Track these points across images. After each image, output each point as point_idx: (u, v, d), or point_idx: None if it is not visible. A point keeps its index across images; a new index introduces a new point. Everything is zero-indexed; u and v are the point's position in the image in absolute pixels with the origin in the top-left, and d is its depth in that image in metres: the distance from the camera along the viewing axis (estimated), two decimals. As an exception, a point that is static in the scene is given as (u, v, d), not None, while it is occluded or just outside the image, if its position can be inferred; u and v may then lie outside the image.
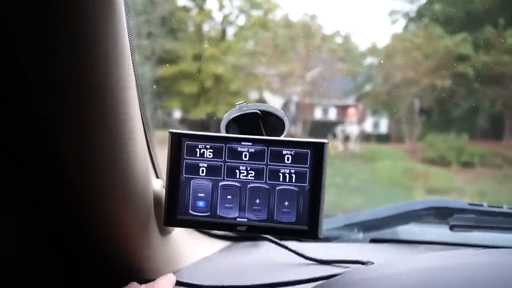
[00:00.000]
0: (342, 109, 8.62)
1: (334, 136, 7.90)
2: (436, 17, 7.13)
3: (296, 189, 0.58)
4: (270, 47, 7.42)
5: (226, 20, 8.17)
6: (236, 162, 0.59)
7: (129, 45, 0.56)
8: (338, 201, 5.28)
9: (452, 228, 0.89)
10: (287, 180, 0.58)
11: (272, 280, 0.65)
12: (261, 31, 7.84)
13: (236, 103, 0.66)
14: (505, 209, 0.89)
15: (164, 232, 0.68)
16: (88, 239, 0.60)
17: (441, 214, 0.93)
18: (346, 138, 7.74)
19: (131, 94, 0.56)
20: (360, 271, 0.51)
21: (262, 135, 0.63)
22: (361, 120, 8.31)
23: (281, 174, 0.58)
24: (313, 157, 0.57)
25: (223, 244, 0.93)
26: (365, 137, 8.14)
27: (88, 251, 0.62)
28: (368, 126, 8.59)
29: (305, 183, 0.58)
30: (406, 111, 7.44)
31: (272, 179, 0.58)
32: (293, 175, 0.58)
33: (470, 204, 0.91)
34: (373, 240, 0.96)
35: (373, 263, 0.68)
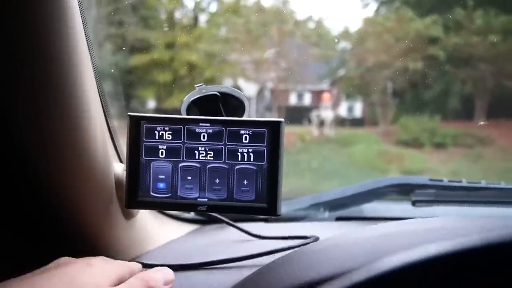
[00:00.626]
0: (317, 94, 8.66)
1: (310, 121, 7.94)
2: (407, 0, 7.18)
3: (254, 168, 0.59)
4: (243, 33, 7.40)
5: (198, 7, 8.11)
6: (195, 143, 0.60)
7: (83, 29, 0.56)
8: (315, 186, 5.33)
9: (414, 203, 0.92)
10: (246, 159, 0.59)
11: (227, 257, 0.67)
12: (234, 17, 7.81)
13: (195, 86, 0.66)
14: (464, 183, 0.92)
15: (128, 216, 0.69)
16: (51, 222, 0.61)
17: (403, 191, 0.95)
18: (321, 123, 7.79)
19: (88, 79, 0.57)
20: (307, 246, 0.52)
21: (222, 116, 0.64)
22: (335, 105, 8.36)
23: (239, 154, 0.59)
24: (270, 136, 0.59)
25: (190, 227, 0.94)
26: (340, 122, 8.20)
27: (51, 234, 0.62)
28: (342, 110, 8.65)
29: (263, 161, 0.59)
30: (380, 94, 7.52)
31: (231, 159, 0.59)
32: (251, 154, 0.59)
33: (430, 180, 0.93)
34: (339, 218, 0.98)
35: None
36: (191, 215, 0.97)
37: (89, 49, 0.59)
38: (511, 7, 5.75)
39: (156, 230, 0.81)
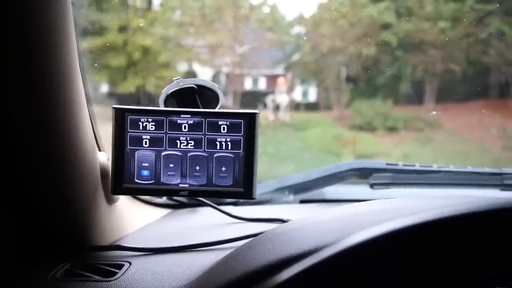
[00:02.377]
0: (272, 79, 8.70)
1: (265, 105, 7.98)
2: (361, -14, 7.27)
3: (232, 155, 0.65)
4: (197, 18, 7.34)
5: (152, -10, 8.00)
6: (176, 133, 0.65)
7: (73, 22, 0.60)
8: (271, 170, 5.39)
9: (372, 186, 0.99)
10: (224, 148, 0.64)
11: (208, 240, 0.72)
12: (188, 1, 7.74)
13: (173, 79, 0.71)
14: (417, 167, 1.00)
15: (110, 201, 0.73)
16: (40, 207, 0.64)
17: (362, 174, 1.02)
18: (277, 108, 7.84)
19: (75, 71, 0.60)
20: (281, 227, 0.58)
21: (199, 107, 0.69)
22: (290, 89, 8.42)
23: (218, 143, 0.64)
24: (246, 126, 0.64)
25: (164, 211, 0.99)
26: (295, 106, 8.27)
27: (39, 219, 0.66)
28: (297, 95, 8.72)
29: (240, 150, 0.64)
30: (334, 79, 7.62)
31: (210, 148, 0.65)
32: (229, 143, 0.64)
33: (387, 164, 1.00)
34: (302, 201, 1.04)
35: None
36: (163, 200, 1.01)
37: (76, 40, 0.62)
38: (460, -5, 5.92)
39: (133, 214, 0.86)
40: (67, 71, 0.57)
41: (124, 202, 0.82)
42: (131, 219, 0.85)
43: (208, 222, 0.88)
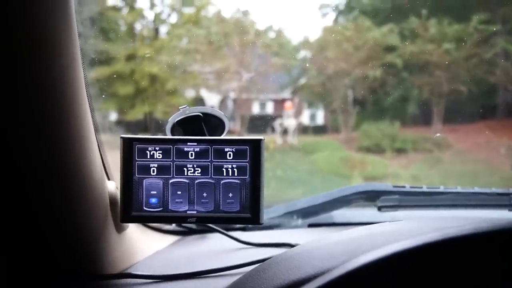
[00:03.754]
0: (279, 103, 8.74)
1: (273, 130, 8.01)
2: (364, 10, 7.35)
3: (238, 181, 0.65)
4: (204, 44, 7.42)
5: (158, 19, 8.10)
6: (183, 161, 0.66)
7: (79, 52, 0.61)
8: (280, 194, 5.39)
9: (379, 209, 0.99)
10: (230, 174, 0.65)
11: (217, 266, 0.72)
12: (194, 28, 7.84)
13: (179, 107, 0.72)
14: (424, 189, 1.00)
15: (119, 229, 0.74)
16: (48, 237, 0.65)
17: (369, 197, 1.03)
18: (284, 132, 7.87)
19: (83, 101, 0.62)
20: (288, 251, 0.58)
21: (205, 135, 0.70)
22: (298, 113, 8.45)
23: (224, 169, 0.65)
24: (252, 152, 0.65)
25: (173, 238, 0.99)
26: (302, 130, 8.29)
27: (48, 248, 0.66)
28: (305, 118, 8.75)
29: (246, 175, 0.65)
30: (340, 102, 7.65)
31: (217, 174, 0.65)
32: (235, 169, 0.65)
33: (394, 186, 1.01)
34: (311, 225, 1.05)
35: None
36: (172, 226, 1.02)
37: (84, 69, 0.64)
38: (463, 16, 5.97)
39: (142, 242, 0.86)
40: (75, 101, 0.59)
41: (133, 230, 0.83)
42: (141, 246, 0.85)
43: (217, 248, 0.88)
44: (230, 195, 0.66)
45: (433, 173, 5.93)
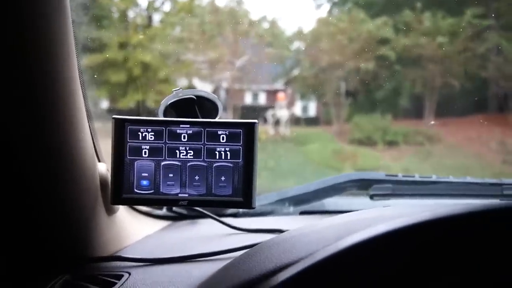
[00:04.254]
0: (272, 94, 8.73)
1: (265, 120, 8.01)
2: (359, 2, 7.34)
3: (231, 165, 0.65)
4: (197, 33, 7.39)
5: (151, 7, 8.05)
6: (176, 143, 0.65)
7: (73, 39, 0.60)
8: (272, 185, 5.39)
9: (372, 197, 0.99)
10: (223, 157, 0.65)
11: (208, 250, 0.72)
12: (188, 17, 7.80)
13: (173, 90, 0.71)
14: (417, 178, 1.00)
15: (110, 212, 0.73)
16: (40, 219, 0.64)
17: (362, 186, 1.02)
18: (277, 122, 7.86)
19: (76, 86, 0.61)
20: (279, 236, 0.58)
21: (198, 118, 0.69)
22: (290, 104, 8.45)
23: (217, 152, 0.65)
24: (245, 135, 0.64)
25: (164, 223, 0.99)
26: (295, 121, 8.29)
27: (39, 230, 0.66)
28: (297, 109, 8.75)
29: (239, 159, 0.64)
30: (333, 94, 7.65)
31: (209, 157, 0.65)
32: (228, 152, 0.64)
33: (386, 175, 1.01)
34: (303, 212, 1.04)
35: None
36: (163, 211, 1.01)
37: (77, 55, 0.63)
38: (457, 10, 5.97)
39: (133, 226, 0.86)
40: (67, 84, 0.58)
41: (124, 213, 0.82)
42: (131, 230, 0.85)
43: (208, 233, 0.87)
44: (223, 178, 0.65)
45: (424, 166, 5.95)
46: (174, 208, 1.01)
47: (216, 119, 0.69)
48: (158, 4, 8.15)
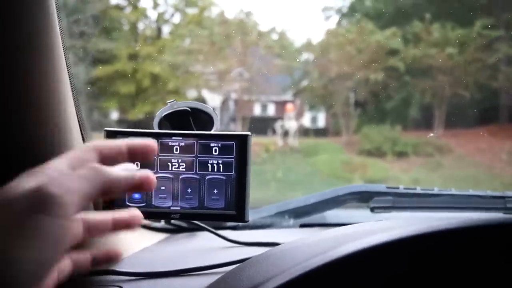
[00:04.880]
0: (281, 105, 8.75)
1: (274, 131, 8.02)
2: (367, 13, 7.35)
3: (224, 177, 0.64)
4: (206, 45, 7.43)
5: (161, 19, 8.12)
6: (168, 156, 0.64)
7: (62, 45, 0.60)
8: (280, 196, 5.38)
9: (372, 210, 0.98)
10: (216, 170, 0.64)
11: (204, 264, 0.71)
12: (197, 29, 7.85)
13: (167, 102, 0.71)
14: (418, 190, 0.98)
15: (103, 225, 0.72)
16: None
17: (362, 198, 1.01)
18: (285, 133, 7.87)
19: (66, 95, 0.60)
20: (272, 249, 0.57)
21: (193, 130, 0.69)
22: (299, 115, 8.46)
23: (209, 165, 0.64)
24: (238, 148, 0.63)
25: (162, 236, 0.98)
26: (304, 132, 8.29)
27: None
28: (306, 120, 8.76)
29: (232, 172, 0.63)
30: (342, 104, 7.64)
31: (202, 170, 0.64)
32: (221, 165, 0.64)
33: (387, 187, 0.99)
34: (303, 225, 1.03)
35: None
36: (161, 224, 1.01)
37: (67, 65, 0.63)
38: (467, 21, 5.96)
39: (129, 239, 0.85)
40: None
41: (119, 226, 0.81)
42: (127, 243, 0.84)
43: (204, 247, 0.86)
44: (215, 191, 0.64)
45: (434, 178, 5.91)
46: (172, 221, 1.00)
47: (210, 132, 0.68)
48: (167, 16, 8.22)
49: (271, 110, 9.23)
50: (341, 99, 7.57)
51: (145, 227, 0.97)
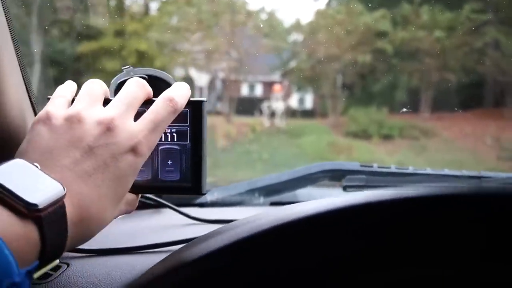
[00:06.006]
0: (268, 85, 8.70)
1: (261, 112, 7.98)
2: (358, -6, 7.28)
3: (178, 147, 0.59)
4: (194, 23, 7.34)
5: (149, -5, 8.01)
6: None
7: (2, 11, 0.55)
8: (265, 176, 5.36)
9: (345, 188, 0.94)
10: (169, 140, 0.59)
11: (160, 241, 0.67)
12: (185, 6, 7.74)
13: (122, 68, 0.66)
14: (393, 169, 0.95)
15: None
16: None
17: (335, 176, 0.97)
18: (272, 114, 7.84)
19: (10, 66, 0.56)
20: (225, 226, 0.53)
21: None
22: (286, 96, 8.42)
23: (163, 134, 0.59)
24: (193, 115, 0.59)
25: (124, 212, 0.94)
26: (291, 113, 8.27)
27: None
28: (293, 101, 8.73)
29: (187, 141, 0.59)
30: (330, 86, 7.62)
31: (155, 140, 0.59)
32: (175, 134, 0.59)
33: (361, 166, 0.95)
34: (273, 203, 0.99)
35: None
36: (125, 199, 0.96)
37: (10, 32, 0.58)
38: (456, 4, 5.92)
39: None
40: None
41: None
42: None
43: (166, 224, 0.82)
44: (169, 162, 0.59)
45: (419, 160, 5.93)
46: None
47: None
48: (155, -8, 8.10)
49: (258, 91, 9.18)
50: (329, 80, 7.54)
51: (108, 202, 0.93)
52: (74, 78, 0.59)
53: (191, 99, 0.58)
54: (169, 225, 0.81)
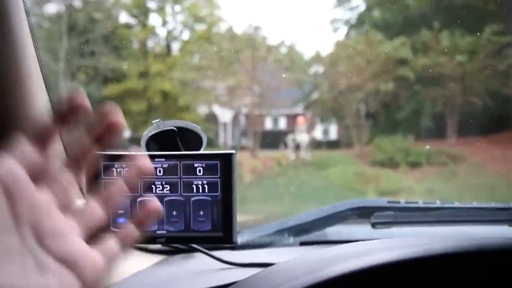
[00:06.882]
0: (292, 118, 8.72)
1: (285, 145, 7.99)
2: (376, 23, 7.33)
3: (209, 198, 0.62)
4: (216, 60, 7.45)
5: (170, 36, 8.17)
6: (151, 178, 0.62)
7: (33, 45, 0.59)
8: (293, 210, 5.35)
9: (373, 225, 0.94)
10: (200, 191, 0.62)
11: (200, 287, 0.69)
12: (206, 44, 7.88)
13: (153, 122, 0.69)
14: (420, 204, 0.95)
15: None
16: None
17: (363, 214, 0.98)
18: (297, 147, 7.84)
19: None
20: (264, 271, 0.55)
21: (180, 150, 0.67)
22: (310, 128, 8.42)
23: (194, 186, 0.62)
24: (223, 167, 0.61)
25: (157, 258, 0.95)
26: (315, 145, 8.25)
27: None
28: (317, 133, 8.72)
29: (217, 192, 0.61)
30: (353, 116, 7.61)
31: (186, 191, 0.62)
32: (206, 185, 0.61)
33: (388, 202, 0.96)
34: (303, 243, 1.00)
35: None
36: (158, 246, 0.98)
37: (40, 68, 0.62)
38: (475, 28, 5.92)
39: (123, 261, 0.83)
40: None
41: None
42: (121, 266, 0.82)
43: (200, 269, 0.84)
44: (201, 213, 0.62)
45: (449, 187, 5.84)
46: (167, 242, 0.98)
47: (193, 152, 0.66)
48: (177, 33, 8.27)
49: (282, 124, 9.21)
50: (352, 110, 7.54)
51: (141, 249, 0.95)
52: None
53: (222, 151, 0.61)
54: (203, 270, 0.83)
